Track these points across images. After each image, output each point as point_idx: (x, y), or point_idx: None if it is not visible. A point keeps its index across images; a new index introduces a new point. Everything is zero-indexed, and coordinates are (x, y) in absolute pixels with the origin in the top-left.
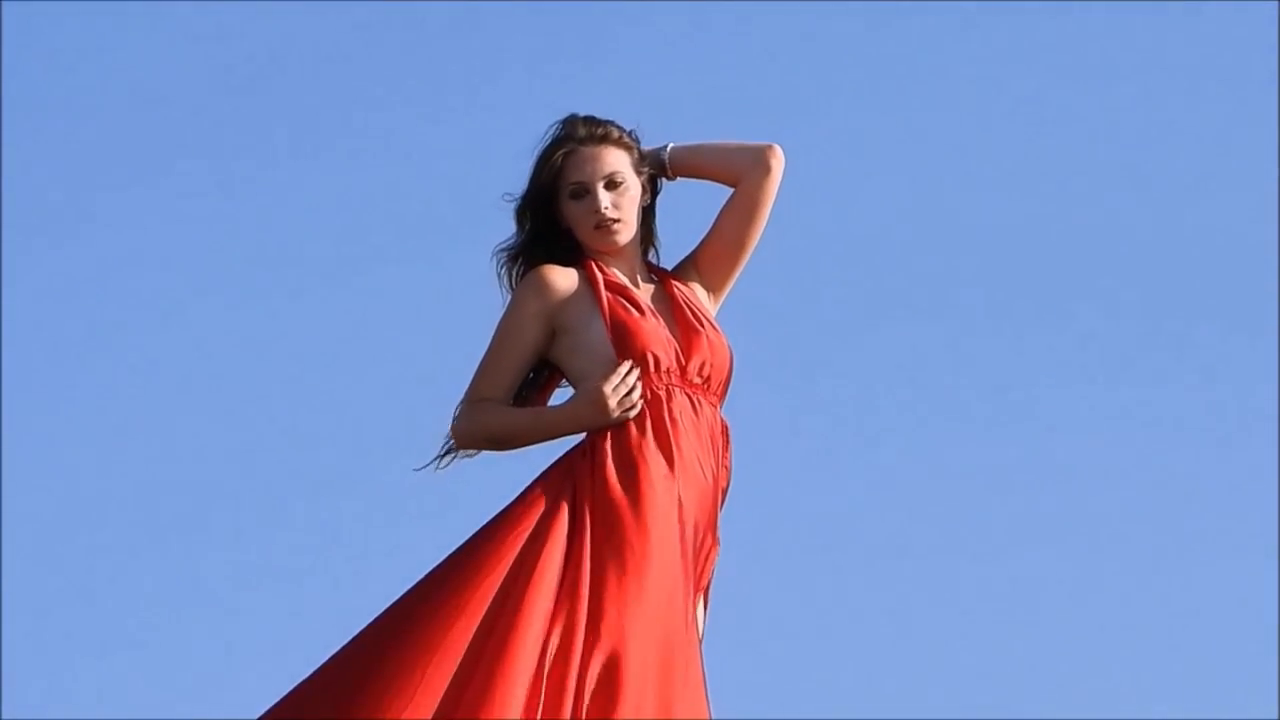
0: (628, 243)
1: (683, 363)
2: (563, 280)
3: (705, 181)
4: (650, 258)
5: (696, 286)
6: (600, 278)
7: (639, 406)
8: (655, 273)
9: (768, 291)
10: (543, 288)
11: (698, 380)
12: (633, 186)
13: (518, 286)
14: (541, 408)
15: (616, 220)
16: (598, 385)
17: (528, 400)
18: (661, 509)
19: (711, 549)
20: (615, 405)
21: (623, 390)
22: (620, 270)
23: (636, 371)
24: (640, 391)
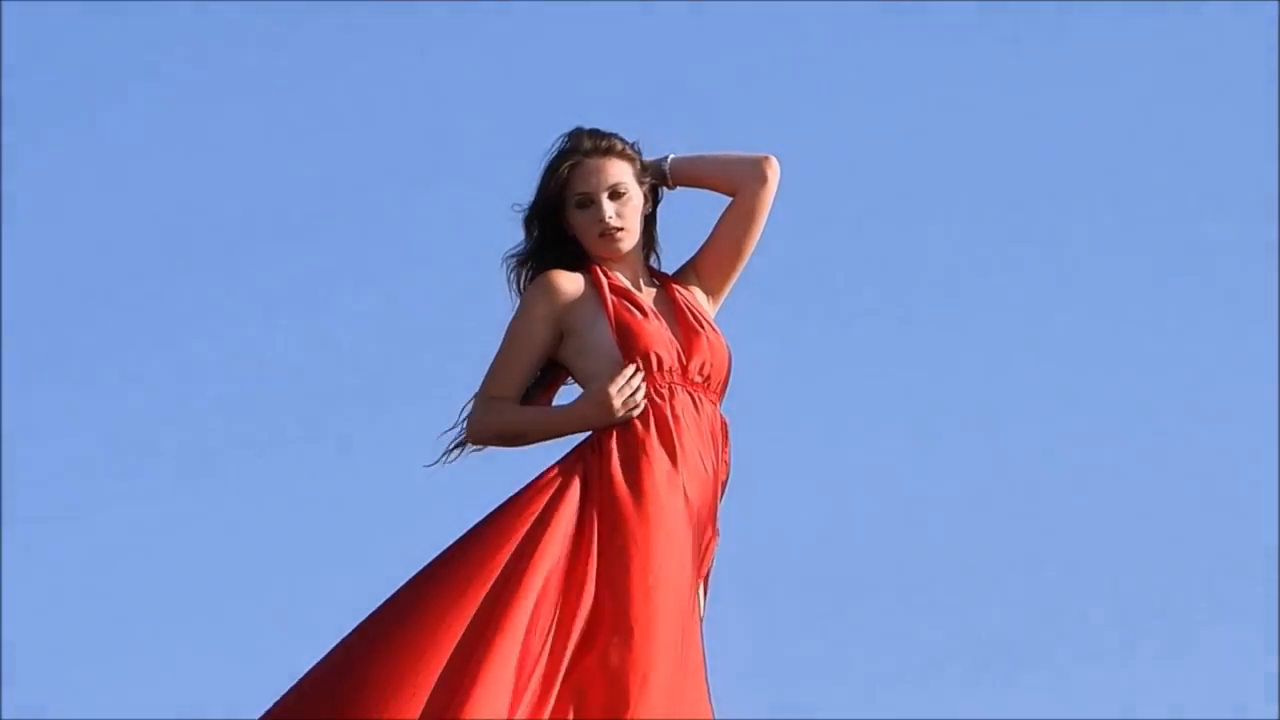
0: (631, 249)
1: (684, 362)
2: (569, 284)
3: (704, 190)
4: (652, 263)
5: (697, 290)
6: (605, 282)
7: (641, 407)
8: (657, 277)
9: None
10: (550, 291)
11: (698, 379)
12: (635, 196)
13: (526, 291)
14: (549, 407)
15: (620, 229)
16: (603, 387)
17: (535, 398)
18: (665, 500)
19: (711, 539)
20: (619, 406)
21: (627, 392)
22: (624, 275)
23: (640, 375)
24: (643, 394)
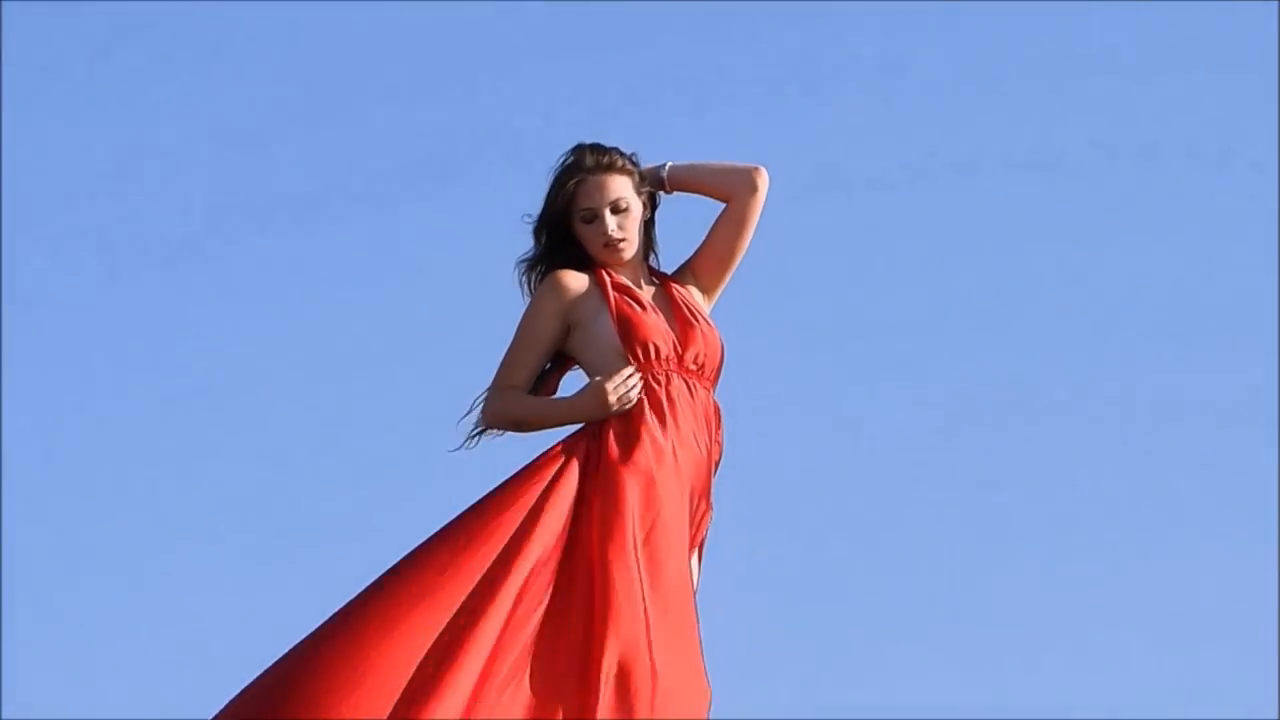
0: (632, 256)
1: (680, 352)
2: (575, 283)
3: (700, 196)
4: (651, 262)
5: (693, 288)
6: (609, 280)
7: (633, 404)
8: (657, 276)
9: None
10: (559, 289)
11: (693, 367)
12: (635, 207)
13: (537, 289)
14: (555, 398)
15: (622, 240)
16: (600, 384)
17: (544, 384)
18: (660, 474)
19: (705, 512)
20: (614, 401)
21: (622, 390)
22: (626, 275)
23: (637, 375)
24: (638, 392)
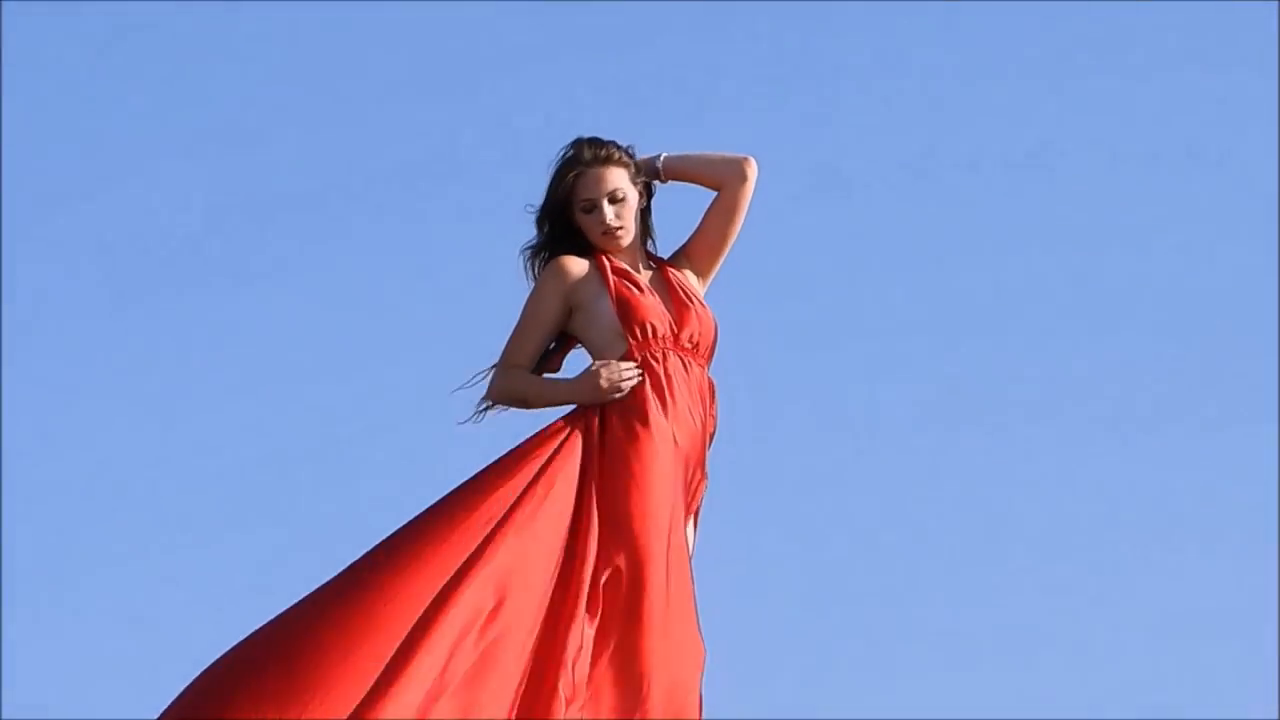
0: (630, 242)
1: (675, 331)
2: (577, 267)
3: (693, 185)
4: (649, 248)
5: (688, 272)
6: (608, 265)
7: (624, 393)
8: (654, 260)
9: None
10: (561, 273)
11: (688, 345)
12: (631, 197)
13: (541, 274)
14: (556, 380)
15: (620, 228)
16: (597, 371)
17: (547, 363)
18: (658, 445)
19: (700, 481)
20: (606, 387)
21: (616, 378)
22: (624, 260)
23: (635, 369)
24: (631, 383)
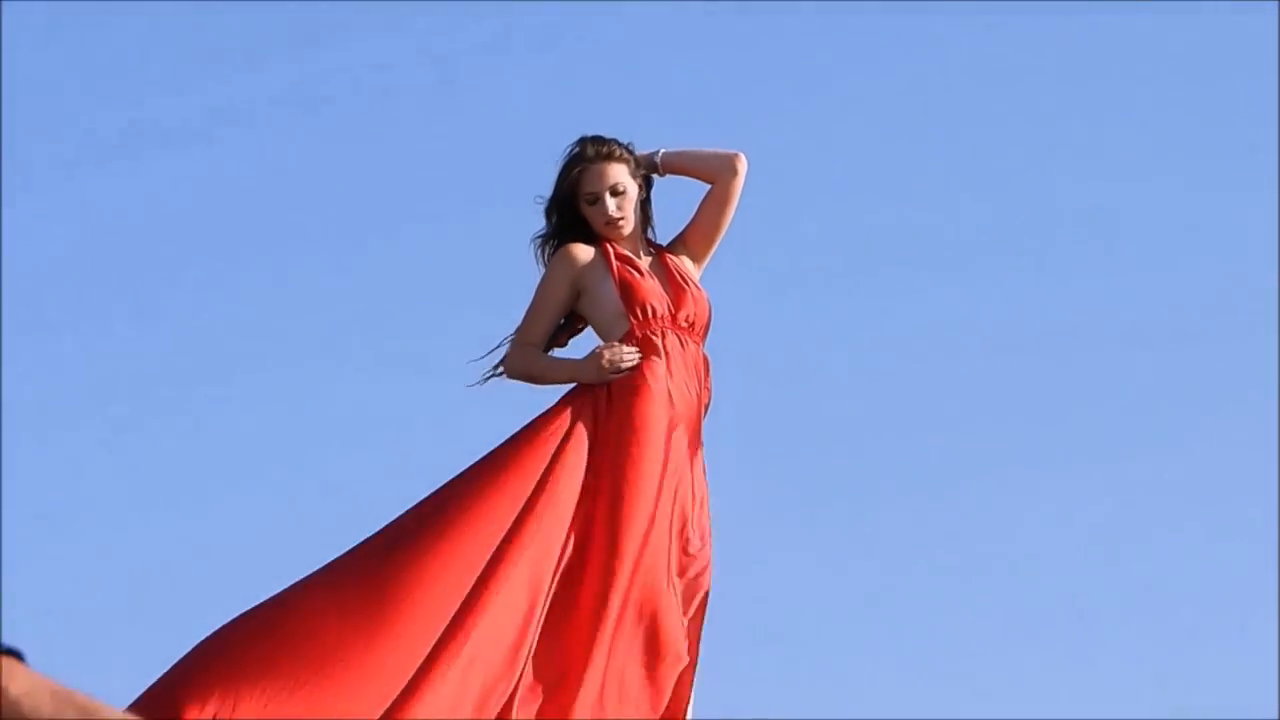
0: (631, 230)
1: (673, 312)
2: (583, 254)
3: (689, 178)
4: (650, 235)
5: (685, 257)
6: (612, 252)
7: (623, 373)
8: (653, 247)
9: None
10: (569, 259)
11: (685, 324)
12: (632, 190)
13: (550, 260)
14: (563, 359)
15: (620, 218)
16: (600, 351)
17: (556, 339)
18: (658, 414)
19: (696, 448)
20: (608, 367)
21: (617, 359)
22: (626, 247)
23: (636, 354)
24: (629, 365)
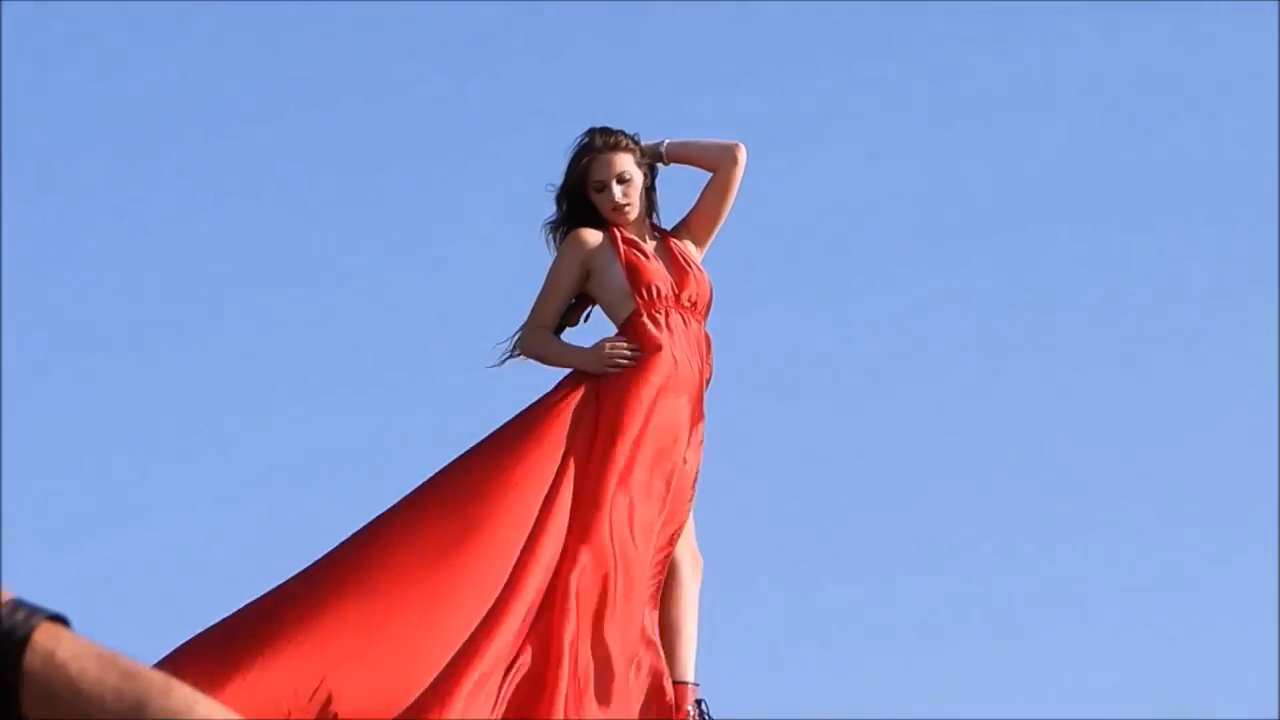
0: (637, 216)
1: (677, 292)
2: (592, 238)
3: (691, 167)
4: (654, 220)
5: (688, 241)
6: (619, 236)
7: (618, 368)
8: (658, 231)
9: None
10: (579, 243)
11: (687, 304)
12: (637, 178)
13: (562, 245)
14: (571, 346)
15: (626, 205)
16: (602, 344)
17: (568, 318)
18: (661, 386)
19: (698, 420)
20: (606, 360)
21: (615, 356)
22: (633, 231)
23: (636, 350)
24: (627, 361)
